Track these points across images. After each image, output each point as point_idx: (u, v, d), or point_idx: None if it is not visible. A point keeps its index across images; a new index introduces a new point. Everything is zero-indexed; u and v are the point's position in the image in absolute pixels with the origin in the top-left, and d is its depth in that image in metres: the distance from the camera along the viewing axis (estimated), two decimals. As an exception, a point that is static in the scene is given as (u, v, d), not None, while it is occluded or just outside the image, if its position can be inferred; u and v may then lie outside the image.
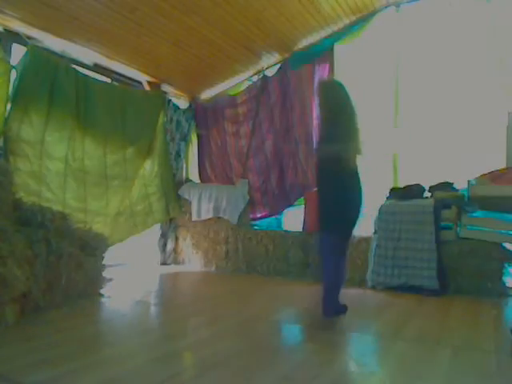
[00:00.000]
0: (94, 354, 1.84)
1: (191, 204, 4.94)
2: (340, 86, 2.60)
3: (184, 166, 5.44)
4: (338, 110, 2.47)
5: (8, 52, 3.49)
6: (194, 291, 3.24)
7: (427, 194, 3.71)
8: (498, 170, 3.34)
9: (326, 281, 2.41)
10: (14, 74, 3.30)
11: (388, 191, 3.90)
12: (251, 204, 4.82)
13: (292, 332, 2.45)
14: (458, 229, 3.40)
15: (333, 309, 2.39)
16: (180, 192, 5.02)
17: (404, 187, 3.83)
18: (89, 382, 1.51)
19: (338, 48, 4.47)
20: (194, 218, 4.90)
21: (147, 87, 4.83)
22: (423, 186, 3.74)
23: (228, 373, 1.61)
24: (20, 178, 3.25)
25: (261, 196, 4.88)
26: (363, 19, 4.30)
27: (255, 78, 5.04)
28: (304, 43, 4.64)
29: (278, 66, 4.85)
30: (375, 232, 3.63)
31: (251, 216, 4.84)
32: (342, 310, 2.45)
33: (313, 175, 4.53)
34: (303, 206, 4.43)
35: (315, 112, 4.56)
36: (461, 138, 3.86)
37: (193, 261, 4.94)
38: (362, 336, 2.21)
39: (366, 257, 3.72)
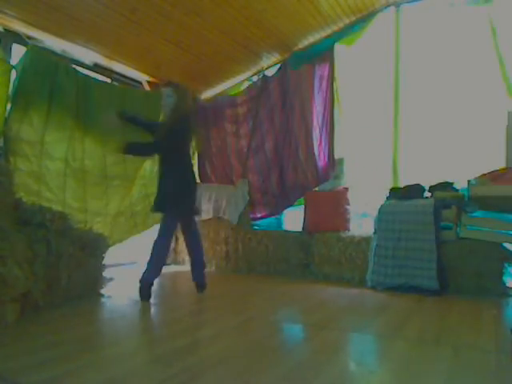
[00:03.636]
0: (94, 354, 1.84)
1: (191, 204, 4.94)
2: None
3: (184, 166, 5.44)
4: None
5: (8, 52, 3.49)
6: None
7: (427, 194, 3.71)
8: (497, 170, 3.34)
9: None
10: (14, 74, 3.30)
11: (388, 191, 3.90)
12: (251, 204, 4.81)
13: (292, 332, 2.45)
14: (458, 229, 3.40)
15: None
16: (180, 192, 5.01)
17: (404, 187, 3.83)
18: (89, 382, 1.51)
19: (339, 48, 4.48)
20: (194, 218, 4.90)
21: (147, 87, 4.83)
22: (423, 185, 3.74)
23: (228, 373, 1.61)
24: (20, 178, 3.25)
25: (261, 196, 4.88)
26: (363, 19, 4.31)
27: (255, 78, 5.04)
28: (304, 43, 4.64)
29: (278, 66, 4.85)
30: (375, 232, 3.63)
31: (251, 216, 4.84)
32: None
33: (313, 175, 4.54)
34: (303, 205, 4.44)
35: (315, 112, 4.57)
36: (461, 138, 3.86)
37: (193, 261, 4.94)
38: (362, 336, 2.21)
39: (366, 257, 3.72)
